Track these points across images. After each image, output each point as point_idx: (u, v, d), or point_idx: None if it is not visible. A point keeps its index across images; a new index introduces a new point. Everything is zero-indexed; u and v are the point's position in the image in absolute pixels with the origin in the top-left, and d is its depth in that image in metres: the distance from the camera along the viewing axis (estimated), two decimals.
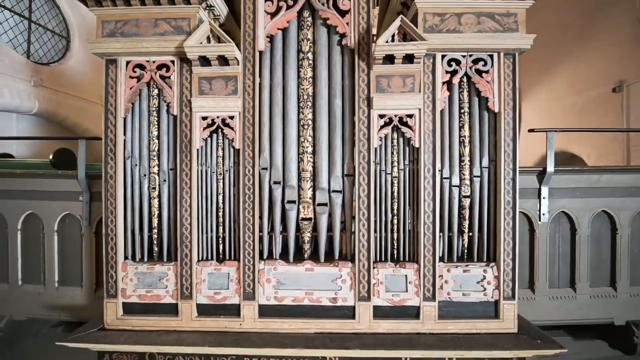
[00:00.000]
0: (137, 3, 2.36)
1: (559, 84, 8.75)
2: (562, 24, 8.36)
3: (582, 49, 7.93)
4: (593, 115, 7.63)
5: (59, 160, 4.57)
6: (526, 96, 9.97)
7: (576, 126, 8.10)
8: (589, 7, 7.68)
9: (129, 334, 2.42)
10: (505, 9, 2.32)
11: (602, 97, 7.36)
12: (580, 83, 8.04)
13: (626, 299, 2.93)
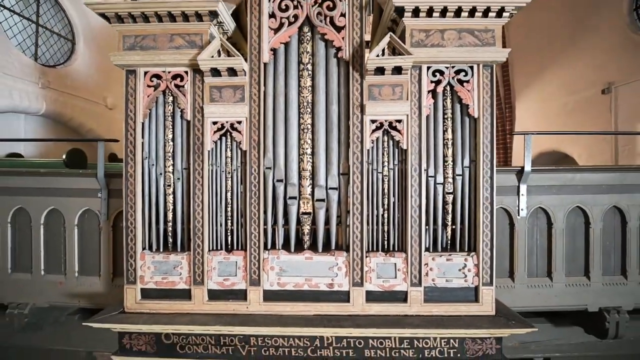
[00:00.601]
0: (154, 20, 2.66)
1: (551, 85, 9.06)
2: (554, 27, 8.68)
3: (573, 52, 8.25)
4: (583, 116, 7.95)
5: (71, 160, 4.86)
6: (520, 97, 10.29)
7: (567, 126, 8.43)
8: (579, 11, 7.99)
9: (147, 316, 2.73)
10: (483, 25, 2.63)
11: (591, 98, 7.68)
12: (571, 85, 8.36)
13: (599, 288, 3.24)
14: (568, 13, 8.29)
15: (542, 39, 9.12)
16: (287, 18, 2.73)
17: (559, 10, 8.52)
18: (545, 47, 9.06)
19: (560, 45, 8.62)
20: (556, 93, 8.89)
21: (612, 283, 3.24)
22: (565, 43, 8.48)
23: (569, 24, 8.30)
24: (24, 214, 3.39)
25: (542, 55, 9.20)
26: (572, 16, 8.19)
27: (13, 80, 6.75)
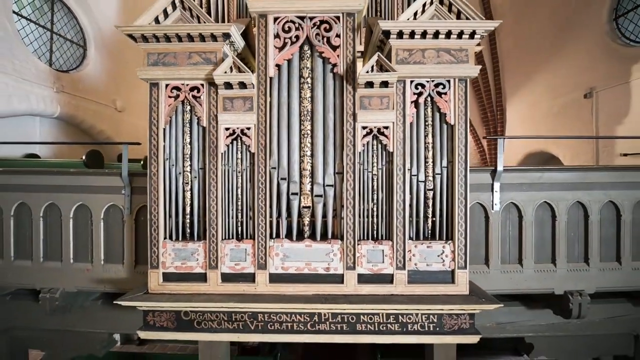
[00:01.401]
0: (175, 40, 3.07)
1: (538, 89, 9.48)
2: (541, 35, 9.10)
3: (558, 58, 8.67)
4: (568, 119, 8.37)
5: (90, 160, 5.29)
6: (511, 100, 10.71)
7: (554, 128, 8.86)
8: (563, 20, 8.41)
9: (168, 296, 3.14)
10: (458, 45, 3.04)
11: (574, 102, 8.10)
12: (556, 89, 8.78)
13: (564, 273, 3.66)
14: (554, 21, 8.71)
15: (530, 45, 9.55)
16: (289, 38, 3.14)
17: (546, 18, 8.94)
18: (533, 53, 9.48)
19: (547, 52, 9.04)
20: (543, 97, 9.31)
21: (575, 269, 3.66)
22: (551, 49, 8.90)
23: (555, 32, 8.71)
24: (54, 209, 3.80)
25: (530, 61, 9.62)
26: (558, 24, 8.61)
27: (31, 86, 7.16)
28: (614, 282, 3.68)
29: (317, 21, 3.12)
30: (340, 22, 3.11)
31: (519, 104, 10.37)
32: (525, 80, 9.98)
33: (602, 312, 4.00)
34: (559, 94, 8.69)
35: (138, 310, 3.69)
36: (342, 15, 3.10)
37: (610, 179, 3.63)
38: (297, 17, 3.12)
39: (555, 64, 8.80)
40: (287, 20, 3.12)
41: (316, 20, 3.12)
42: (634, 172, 3.66)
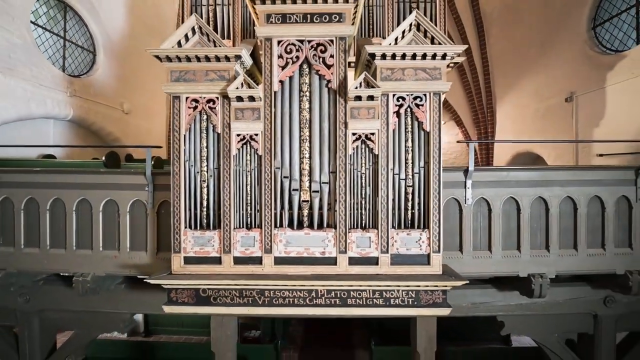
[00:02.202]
0: (194, 60, 3.70)
1: (525, 92, 10.15)
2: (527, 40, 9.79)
3: (543, 63, 9.33)
4: (551, 121, 9.04)
5: (108, 161, 5.91)
6: (500, 103, 11.39)
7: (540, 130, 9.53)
8: (548, 26, 9.08)
9: (189, 276, 3.78)
10: (433, 65, 3.68)
11: (557, 105, 8.76)
12: (541, 93, 9.45)
13: (527, 258, 4.30)
14: (539, 28, 9.37)
15: (518, 50, 10.22)
16: (291, 58, 3.77)
17: (532, 25, 9.61)
18: (520, 58, 10.16)
19: (533, 57, 9.70)
20: (530, 100, 9.98)
21: (538, 255, 4.30)
22: (536, 55, 9.57)
23: (540, 38, 9.38)
24: (85, 203, 4.42)
25: (517, 65, 10.30)
26: (542, 31, 9.27)
27: (47, 90, 7.79)
28: (571, 267, 4.33)
29: (314, 44, 3.76)
30: (334, 44, 3.74)
31: (508, 106, 11.04)
32: (513, 84, 10.65)
33: (565, 294, 4.65)
34: (544, 98, 9.35)
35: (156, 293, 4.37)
36: (335, 39, 3.74)
37: (567, 177, 4.28)
38: (297, 41, 3.75)
39: (540, 68, 9.46)
40: (289, 43, 3.76)
41: (313, 43, 3.75)
42: (588, 172, 4.30)
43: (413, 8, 6.34)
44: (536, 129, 9.66)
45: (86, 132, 9.38)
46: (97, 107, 9.27)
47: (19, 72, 7.18)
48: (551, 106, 9.04)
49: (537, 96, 9.67)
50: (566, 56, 8.57)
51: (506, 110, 11.17)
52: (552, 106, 8.98)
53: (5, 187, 4.47)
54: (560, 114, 8.67)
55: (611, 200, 4.31)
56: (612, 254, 4.33)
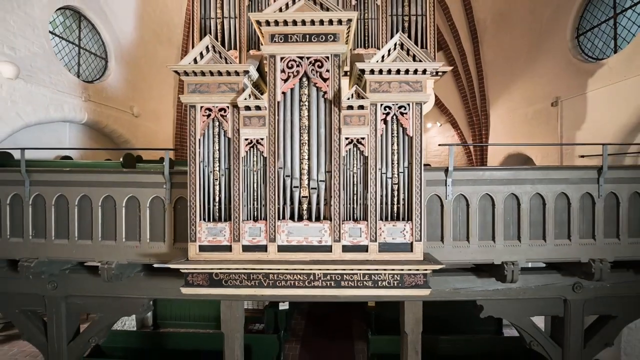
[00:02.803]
0: (208, 75, 4.32)
1: (516, 96, 10.75)
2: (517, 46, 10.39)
3: (532, 69, 9.94)
4: (539, 124, 9.63)
5: (126, 162, 6.53)
6: (493, 106, 11.98)
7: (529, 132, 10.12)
8: (537, 34, 9.68)
9: (203, 262, 4.39)
10: (415, 79, 4.29)
11: (544, 109, 9.36)
12: (530, 97, 10.05)
13: (501, 248, 4.90)
14: (528, 36, 9.98)
15: (509, 56, 10.83)
16: (292, 72, 4.39)
17: (521, 33, 10.22)
18: (511, 63, 10.77)
19: (523, 63, 10.31)
20: (520, 103, 10.58)
21: (510, 245, 4.90)
22: (526, 61, 10.17)
23: (529, 45, 9.99)
24: (110, 199, 5.05)
25: (508, 70, 10.91)
26: (531, 39, 9.88)
27: (64, 96, 8.43)
28: (540, 255, 4.93)
29: (313, 60, 4.37)
30: (329, 60, 4.36)
31: (501, 109, 11.64)
32: (505, 88, 11.26)
33: (537, 280, 5.25)
34: (533, 102, 9.95)
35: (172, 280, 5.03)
36: (330, 56, 4.36)
37: (537, 176, 4.88)
38: (297, 57, 4.37)
39: (529, 74, 10.07)
40: (290, 59, 4.37)
41: (312, 59, 4.37)
42: (555, 171, 4.90)
43: (405, 21, 6.96)
44: (525, 132, 10.27)
45: (98, 135, 10.03)
46: (109, 110, 9.91)
47: (39, 79, 7.82)
48: (539, 110, 9.64)
49: (526, 100, 10.28)
50: (552, 63, 9.17)
51: (499, 113, 11.78)
52: (540, 110, 9.58)
53: (38, 185, 5.10)
54: (546, 118, 9.27)
55: (576, 197, 4.91)
56: (577, 244, 4.93)
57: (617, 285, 5.29)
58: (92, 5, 9.36)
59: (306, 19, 4.23)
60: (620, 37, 7.59)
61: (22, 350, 10.75)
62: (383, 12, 6.94)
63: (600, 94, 7.78)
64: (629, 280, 5.31)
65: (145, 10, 10.95)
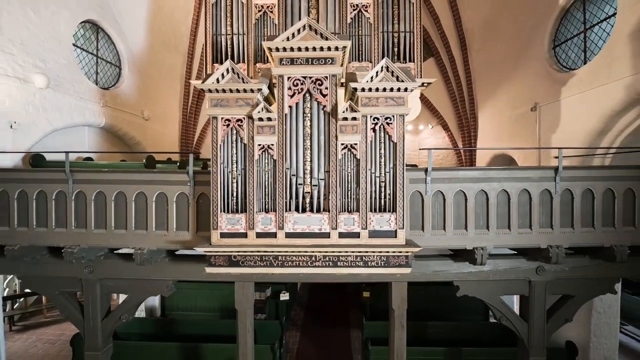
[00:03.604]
0: (228, 92, 5.36)
1: (501, 101, 11.81)
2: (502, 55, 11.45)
3: (515, 75, 11.01)
4: (521, 127, 10.70)
5: (148, 163, 7.57)
6: (481, 109, 13.03)
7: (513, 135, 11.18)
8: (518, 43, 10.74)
9: (224, 246, 5.43)
10: (398, 95, 5.34)
11: (525, 114, 10.42)
12: (513, 102, 11.12)
13: (473, 235, 5.95)
14: (511, 45, 11.05)
15: (495, 63, 11.89)
16: (297, 89, 5.43)
17: (507, 41, 11.27)
18: (496, 70, 11.83)
19: (507, 70, 11.37)
20: (505, 108, 11.65)
21: (480, 233, 5.95)
22: (510, 68, 11.24)
23: (512, 54, 11.05)
24: (141, 195, 6.08)
25: (494, 76, 11.97)
26: (515, 47, 10.94)
27: (85, 102, 9.45)
28: (505, 242, 5.98)
29: (314, 79, 5.42)
30: (328, 80, 5.41)
31: (488, 112, 12.71)
32: (492, 93, 12.33)
33: (506, 264, 6.29)
34: (516, 106, 11.02)
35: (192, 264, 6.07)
36: (329, 76, 5.40)
37: (503, 175, 5.92)
38: (302, 77, 5.42)
39: (513, 80, 11.14)
40: (296, 79, 5.42)
41: (313, 78, 5.41)
42: (519, 171, 5.96)
43: (395, 37, 8.01)
44: (510, 133, 11.33)
45: (113, 137, 11.07)
46: (123, 115, 10.94)
47: (64, 88, 8.84)
48: (521, 114, 10.71)
49: (510, 104, 11.35)
50: (532, 71, 10.24)
51: (486, 115, 12.85)
52: (522, 114, 10.65)
53: (79, 183, 6.12)
54: (527, 121, 10.34)
55: (536, 192, 5.96)
56: (537, 233, 5.99)
57: (575, 268, 6.33)
58: (108, 18, 10.38)
59: (309, 46, 5.28)
60: (589, 50, 8.65)
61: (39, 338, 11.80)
62: (375, 29, 7.98)
63: (572, 100, 8.83)
64: (585, 265, 6.36)
65: (155, 21, 11.97)
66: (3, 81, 7.23)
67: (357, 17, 8.01)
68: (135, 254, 5.99)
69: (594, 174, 5.98)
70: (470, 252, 6.00)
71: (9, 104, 7.37)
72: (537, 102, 9.93)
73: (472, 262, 6.08)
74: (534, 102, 10.03)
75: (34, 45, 8.00)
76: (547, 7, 9.53)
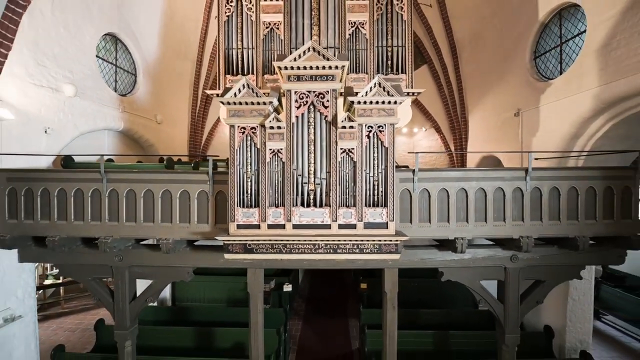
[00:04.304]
0: (244, 104, 6.31)
1: (488, 106, 12.79)
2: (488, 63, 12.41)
3: (501, 83, 11.98)
4: (505, 131, 11.67)
5: (168, 164, 8.53)
6: (471, 114, 14.01)
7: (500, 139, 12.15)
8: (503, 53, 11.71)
9: (239, 236, 6.40)
10: (389, 107, 6.30)
11: (509, 119, 11.38)
12: (499, 107, 12.08)
13: (454, 227, 6.90)
14: (497, 55, 12.02)
15: (483, 71, 12.87)
16: (302, 102, 6.39)
17: (494, 51, 12.24)
18: (484, 77, 12.81)
19: (494, 77, 12.34)
20: (491, 112, 12.62)
21: (461, 225, 6.91)
22: (496, 76, 12.21)
23: (499, 62, 12.02)
24: (167, 192, 7.03)
25: (482, 83, 12.95)
26: (501, 57, 11.91)
27: (106, 108, 10.40)
28: (482, 233, 6.95)
29: (317, 93, 6.38)
30: (329, 94, 6.36)
31: (477, 116, 13.69)
32: (481, 98, 13.31)
33: (485, 253, 7.26)
34: (501, 111, 11.99)
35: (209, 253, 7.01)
36: (330, 90, 6.36)
37: (480, 175, 6.89)
38: (306, 91, 6.37)
39: (499, 87, 12.11)
40: (301, 93, 6.37)
41: (316, 92, 6.37)
42: (494, 171, 6.91)
43: (389, 51, 8.98)
44: (496, 137, 12.31)
45: (129, 140, 12.02)
46: (139, 119, 11.89)
47: (88, 96, 9.78)
48: (506, 119, 11.68)
49: (496, 109, 12.32)
50: (515, 79, 11.21)
51: (476, 119, 13.83)
52: (507, 119, 11.61)
53: (112, 182, 7.07)
54: (511, 126, 11.31)
55: (509, 190, 6.92)
56: (510, 225, 6.95)
57: (545, 257, 7.30)
58: (126, 30, 11.33)
59: (313, 65, 6.24)
60: (565, 62, 9.62)
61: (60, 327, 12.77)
62: (370, 44, 8.94)
63: (549, 107, 9.78)
64: (554, 253, 7.32)
65: (167, 32, 12.91)
66: (39, 92, 8.17)
67: (355, 33, 8.97)
68: (162, 243, 6.93)
69: (560, 174, 6.95)
70: (452, 242, 6.97)
71: (44, 112, 8.30)
72: (520, 108, 10.89)
73: (454, 251, 7.05)
74: (517, 108, 10.99)
75: (64, 57, 8.93)
76: (528, 21, 10.49)
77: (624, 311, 12.47)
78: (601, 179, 6.92)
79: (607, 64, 7.89)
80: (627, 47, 7.34)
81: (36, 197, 7.13)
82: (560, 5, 9.43)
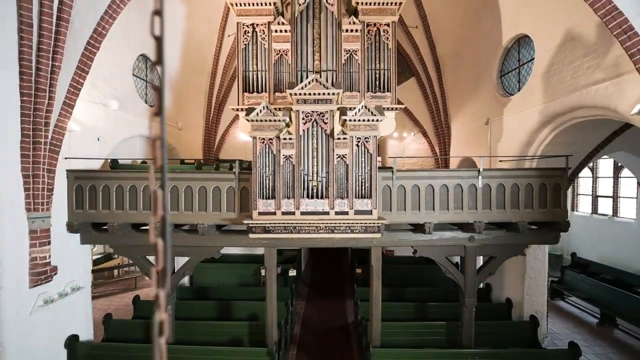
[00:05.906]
0: (264, 121, 8.65)
1: (466, 114, 15.13)
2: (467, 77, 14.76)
3: (475, 94, 14.31)
4: (478, 137, 14.03)
5: (198, 166, 10.86)
6: (453, 120, 16.38)
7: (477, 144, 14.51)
8: (477, 70, 14.06)
9: (260, 220, 8.74)
10: (373, 124, 8.64)
11: (481, 126, 13.73)
12: (474, 116, 14.42)
13: (424, 214, 9.22)
14: (474, 70, 14.36)
15: (463, 84, 15.22)
16: (307, 119, 8.72)
17: (471, 68, 14.58)
18: (464, 89, 15.15)
19: (470, 90, 14.69)
20: (469, 120, 14.97)
21: (429, 213, 9.26)
22: (472, 89, 14.55)
23: (474, 77, 14.36)
24: (203, 187, 9.36)
25: (463, 94, 15.29)
26: (476, 73, 14.24)
27: (140, 118, 12.71)
28: (445, 219, 9.30)
29: (319, 112, 8.71)
30: (328, 113, 8.71)
31: (458, 123, 16.05)
32: (461, 107, 15.65)
33: (449, 234, 9.61)
34: (475, 119, 14.33)
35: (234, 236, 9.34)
36: (329, 110, 8.70)
37: (444, 175, 9.23)
38: (311, 111, 8.71)
39: (474, 98, 14.46)
40: (307, 113, 8.71)
41: (318, 112, 8.71)
42: (455, 172, 9.27)
43: (377, 73, 11.33)
44: (474, 141, 14.65)
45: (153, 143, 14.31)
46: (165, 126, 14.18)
47: (127, 108, 12.09)
48: (479, 127, 14.02)
49: (473, 118, 14.66)
50: (486, 93, 13.56)
51: (457, 125, 16.18)
52: (479, 127, 13.96)
53: None
54: (482, 133, 13.66)
55: (466, 186, 9.27)
56: (467, 212, 9.30)
57: (496, 238, 9.64)
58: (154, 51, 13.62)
59: (315, 92, 8.59)
60: (522, 82, 11.99)
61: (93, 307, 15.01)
62: (362, 67, 11.30)
63: (510, 119, 12.12)
64: (502, 235, 9.65)
65: (186, 49, 15.24)
66: (94, 107, 10.48)
67: (349, 59, 11.31)
68: (199, 227, 9.27)
69: (505, 174, 9.32)
70: (422, 225, 9.33)
71: (97, 123, 10.64)
72: (489, 118, 13.23)
73: (424, 233, 9.40)
74: (487, 117, 13.34)
75: (110, 78, 11.25)
76: (495, 45, 12.85)
77: (583, 292, 14.85)
78: (537, 177, 9.29)
79: (548, 86, 10.25)
80: (560, 74, 9.70)
81: (98, 192, 9.46)
82: (518, 35, 11.79)
